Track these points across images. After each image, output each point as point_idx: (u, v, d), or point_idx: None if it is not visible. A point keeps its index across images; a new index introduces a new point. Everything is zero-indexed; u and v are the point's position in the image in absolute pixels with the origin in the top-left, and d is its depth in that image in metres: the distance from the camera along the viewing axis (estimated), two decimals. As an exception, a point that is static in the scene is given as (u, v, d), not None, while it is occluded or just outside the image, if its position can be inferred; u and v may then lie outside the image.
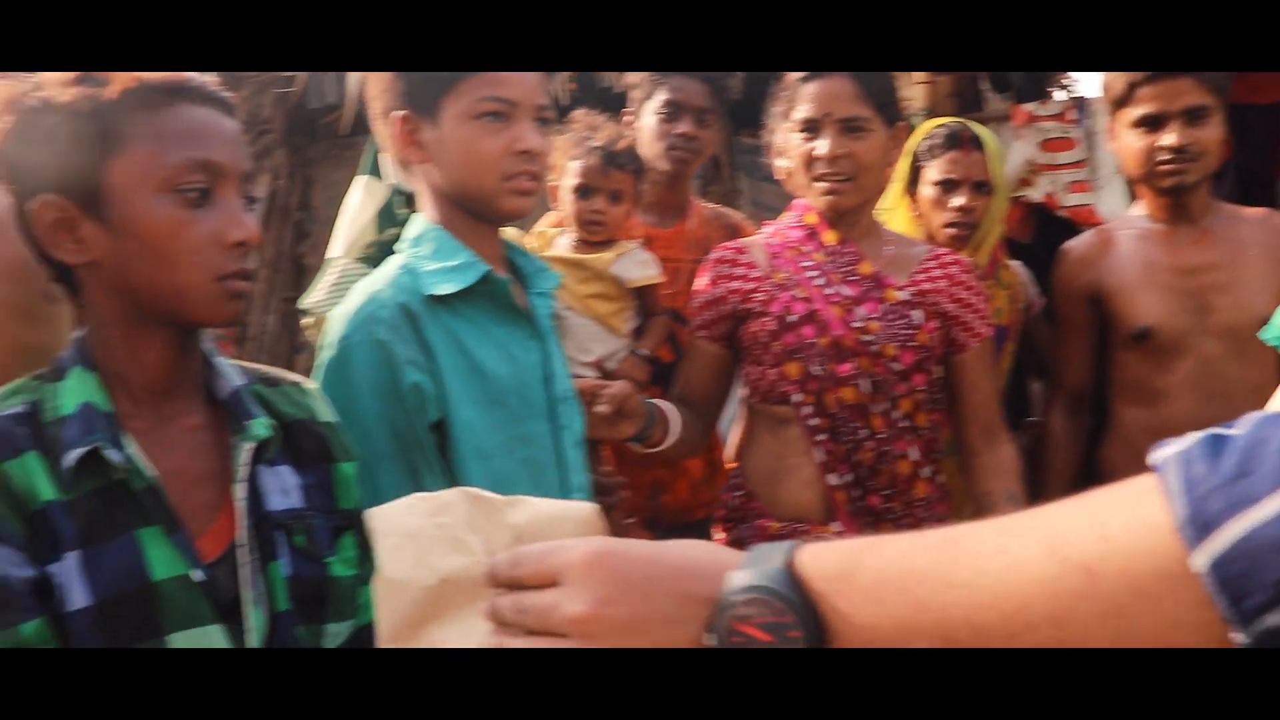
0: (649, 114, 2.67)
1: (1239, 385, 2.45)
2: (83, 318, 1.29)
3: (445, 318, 1.65)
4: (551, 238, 2.50)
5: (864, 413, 2.18)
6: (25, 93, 1.22)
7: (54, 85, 1.21)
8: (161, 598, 1.20)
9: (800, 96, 2.16)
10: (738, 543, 2.22)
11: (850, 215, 2.22)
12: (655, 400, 2.21)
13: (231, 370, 1.36)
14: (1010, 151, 4.41)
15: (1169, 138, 2.44)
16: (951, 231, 2.62)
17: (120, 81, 1.21)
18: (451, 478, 1.61)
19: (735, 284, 2.27)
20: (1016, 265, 2.89)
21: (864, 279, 2.21)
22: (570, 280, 2.37)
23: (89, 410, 1.22)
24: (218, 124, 1.26)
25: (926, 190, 2.68)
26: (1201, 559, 0.59)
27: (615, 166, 2.39)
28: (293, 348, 7.53)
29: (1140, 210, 2.64)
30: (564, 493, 1.75)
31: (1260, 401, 1.35)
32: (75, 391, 1.23)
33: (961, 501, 2.44)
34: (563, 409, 1.79)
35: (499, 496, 1.16)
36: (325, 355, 1.63)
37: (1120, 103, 2.51)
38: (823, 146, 2.14)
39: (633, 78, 2.76)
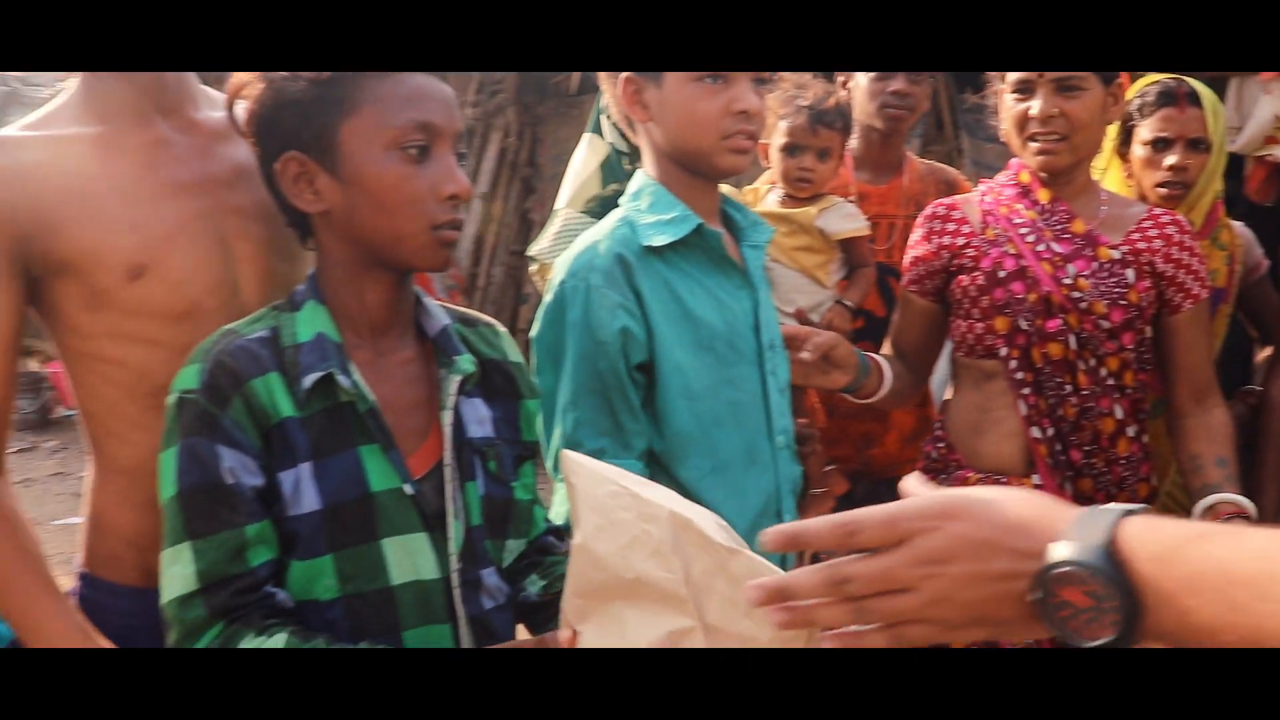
0: (861, 74, 2.71)
1: None
2: (316, 259, 1.47)
3: (659, 267, 1.75)
4: (764, 194, 2.59)
5: (1070, 368, 2.20)
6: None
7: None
8: (378, 506, 1.38)
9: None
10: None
11: (1064, 174, 2.23)
12: (870, 354, 2.28)
13: (439, 310, 1.52)
14: (1256, 108, 4.23)
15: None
16: (1163, 191, 2.57)
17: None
18: (649, 419, 1.73)
19: (947, 240, 2.32)
20: (1239, 226, 2.80)
21: (1076, 237, 2.22)
22: (778, 234, 2.46)
23: (322, 340, 1.39)
24: (436, 89, 1.41)
25: (1138, 150, 2.63)
26: None
27: (823, 125, 2.46)
28: (517, 298, 7.87)
29: None
30: (768, 436, 1.85)
31: None
32: (310, 322, 1.40)
33: (1167, 464, 2.42)
34: (770, 356, 1.88)
35: (709, 533, 1.16)
36: (545, 298, 1.77)
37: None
38: (1036, 107, 2.15)
39: None
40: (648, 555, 1.14)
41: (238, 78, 1.44)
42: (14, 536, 1.47)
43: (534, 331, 1.77)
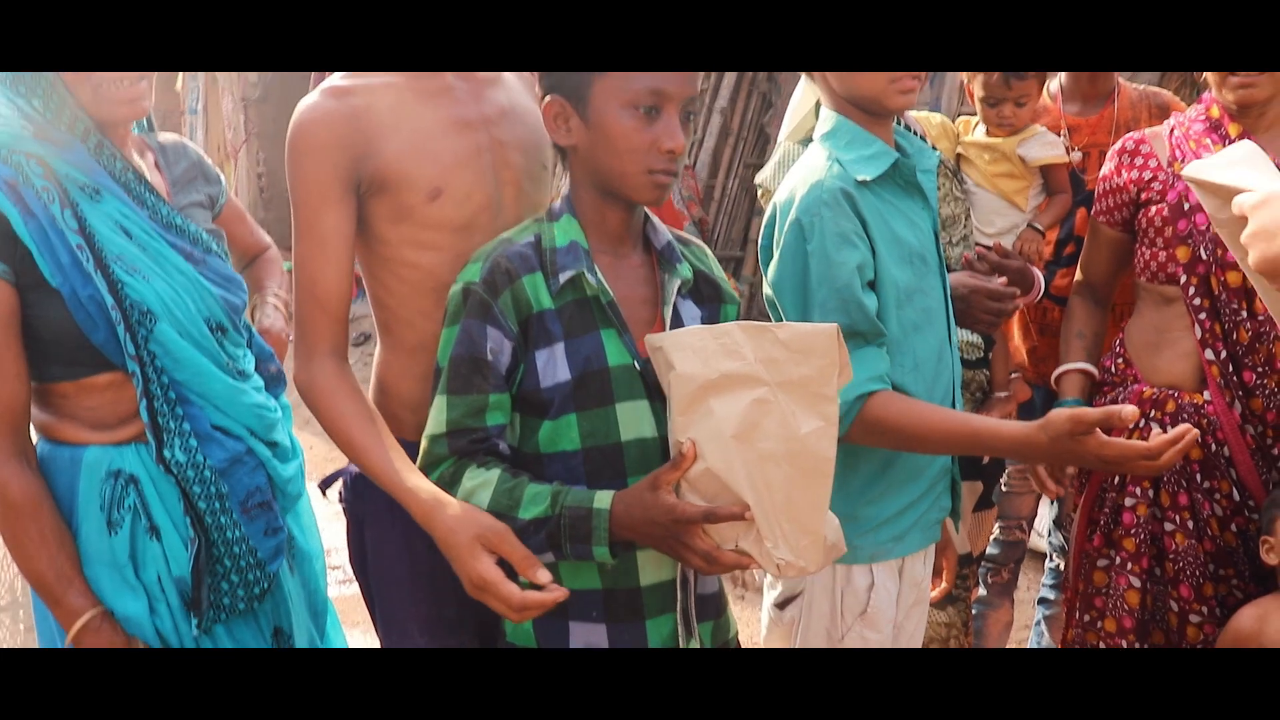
0: None
1: None
2: (569, 181, 1.84)
3: (870, 197, 1.99)
4: (973, 124, 2.80)
5: (1246, 295, 2.35)
6: None
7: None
8: (614, 378, 1.75)
9: None
10: (1114, 404, 2.48)
11: (1259, 108, 2.36)
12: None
13: (664, 228, 1.87)
14: None
15: None
16: None
17: None
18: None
19: (1135, 174, 2.50)
20: None
21: (1264, 171, 2.36)
22: (980, 161, 2.68)
23: (575, 246, 1.76)
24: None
25: None
26: None
27: (1016, 78, 2.65)
28: (751, 209, 8.14)
29: None
30: (949, 338, 2.11)
31: None
32: (566, 231, 1.77)
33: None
34: (943, 266, 2.14)
35: (765, 323, 1.64)
36: (784, 232, 2.00)
37: None
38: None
39: None
40: (724, 356, 1.62)
41: None
42: (366, 411, 1.83)
43: (775, 262, 2.02)
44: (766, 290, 2.04)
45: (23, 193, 1.79)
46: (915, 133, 2.58)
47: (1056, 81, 2.98)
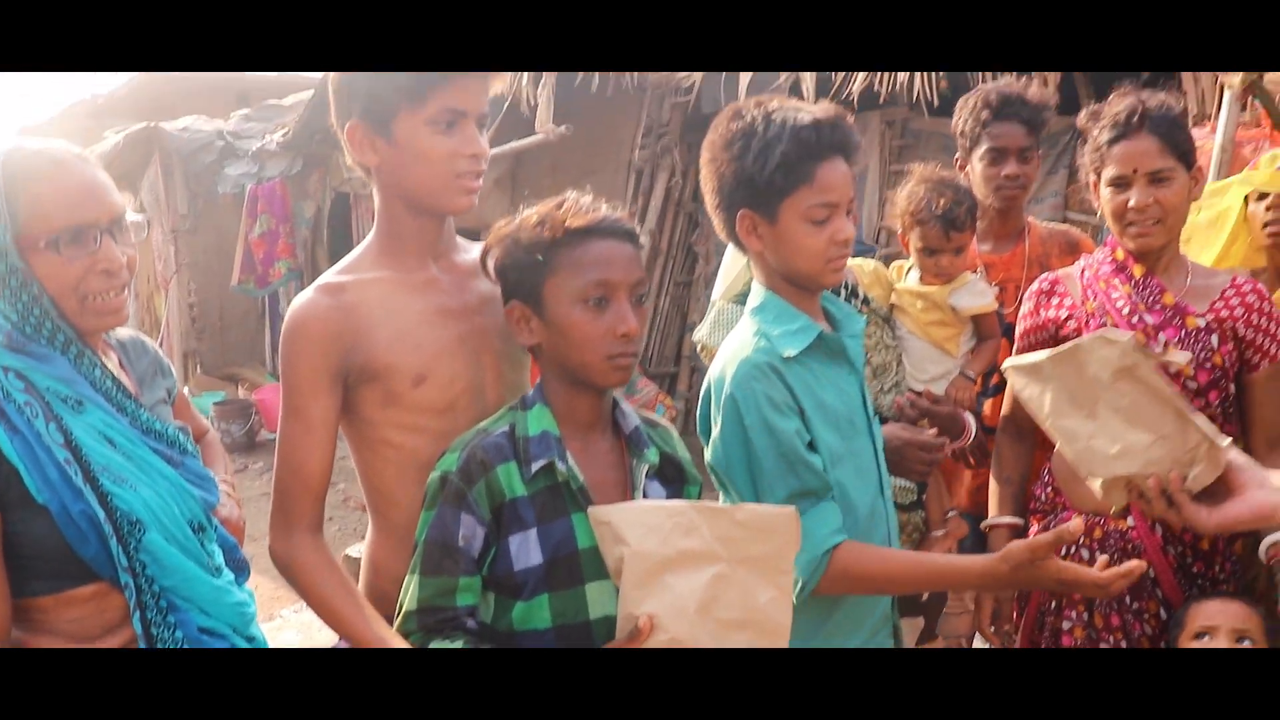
0: (976, 159, 3.06)
1: None
2: (541, 373, 1.96)
3: (797, 369, 2.05)
4: (905, 270, 2.95)
5: None
6: (510, 229, 1.91)
7: (525, 227, 1.88)
8: (584, 560, 1.85)
9: (1110, 157, 2.51)
10: (1045, 532, 2.62)
11: (1156, 252, 2.55)
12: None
13: (632, 413, 1.99)
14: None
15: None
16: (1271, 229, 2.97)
17: (555, 225, 1.84)
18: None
19: (1052, 312, 2.67)
20: None
21: (1167, 308, 2.54)
22: (913, 309, 2.83)
23: (546, 435, 1.87)
24: (617, 251, 1.86)
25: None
26: None
27: (955, 229, 2.79)
28: (683, 327, 8.33)
29: None
30: (881, 492, 2.21)
31: None
32: (538, 420, 1.89)
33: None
34: (874, 425, 2.24)
35: (723, 505, 1.77)
36: (721, 408, 2.05)
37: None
38: (1134, 198, 2.48)
39: (959, 124, 3.13)
40: (681, 534, 1.71)
41: (490, 238, 1.95)
42: (344, 583, 1.95)
43: (716, 437, 2.08)
44: (708, 459, 2.11)
45: (4, 408, 1.80)
46: (848, 282, 2.72)
47: None
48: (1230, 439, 1.80)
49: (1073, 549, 2.58)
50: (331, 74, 2.03)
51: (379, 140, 1.96)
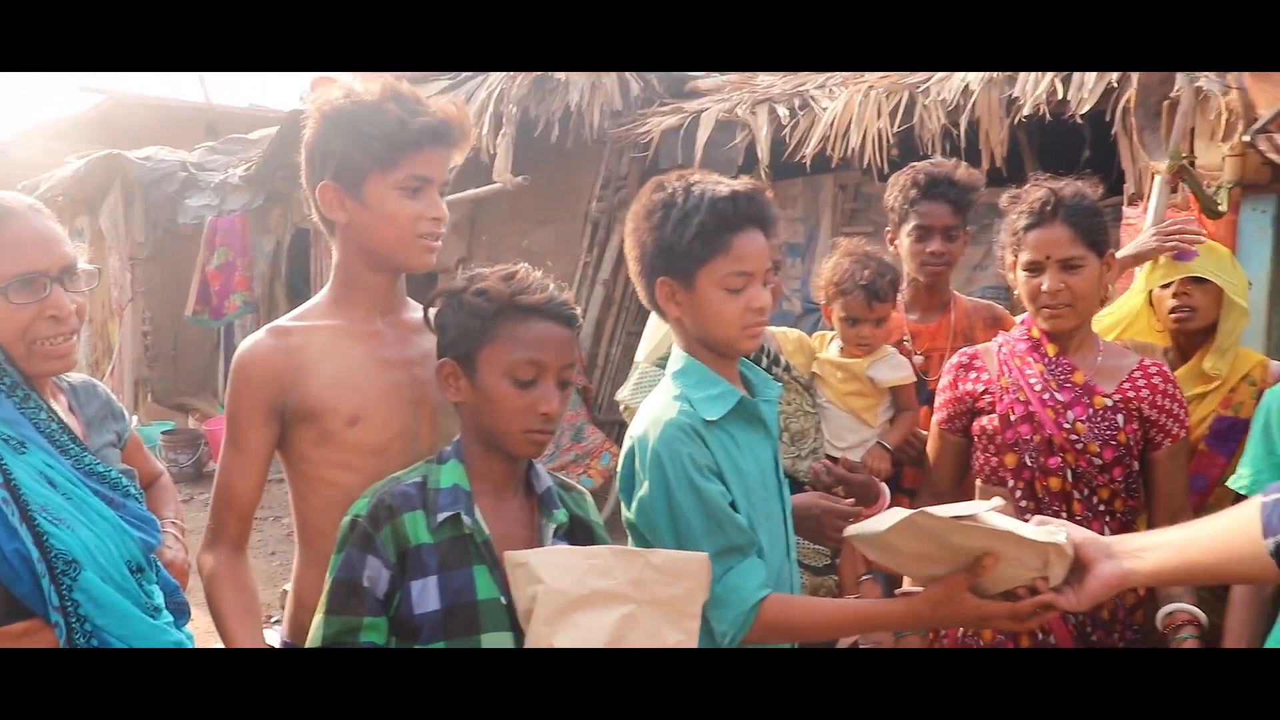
0: (904, 234, 3.17)
1: None
2: (461, 431, 2.06)
3: (717, 432, 2.11)
4: (828, 340, 3.06)
5: (1066, 498, 2.63)
6: (458, 288, 2.00)
7: (472, 291, 1.96)
8: (481, 610, 1.91)
9: (1025, 243, 2.64)
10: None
11: (1069, 332, 2.67)
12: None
13: (546, 475, 2.07)
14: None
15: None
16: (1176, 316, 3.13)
17: (500, 299, 1.94)
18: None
19: (970, 385, 2.77)
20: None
21: (1076, 386, 2.65)
22: (833, 379, 2.93)
23: (456, 489, 1.96)
24: (555, 334, 1.96)
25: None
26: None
27: (878, 300, 2.90)
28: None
29: None
30: (788, 549, 2.27)
31: None
32: (450, 475, 1.97)
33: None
34: (784, 489, 2.31)
35: (637, 549, 1.86)
36: (646, 468, 2.09)
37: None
38: (1046, 283, 2.61)
39: (890, 199, 3.25)
40: (595, 575, 1.81)
41: (437, 290, 2.06)
42: (247, 603, 2.07)
43: (640, 497, 2.11)
44: (631, 518, 2.14)
45: None
46: (770, 350, 2.81)
47: (899, 293, 3.27)
48: (1064, 529, 1.92)
49: (974, 634, 2.67)
50: (306, 135, 2.14)
51: (349, 200, 2.10)
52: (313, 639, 1.91)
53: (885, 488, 2.87)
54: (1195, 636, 2.48)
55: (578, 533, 2.08)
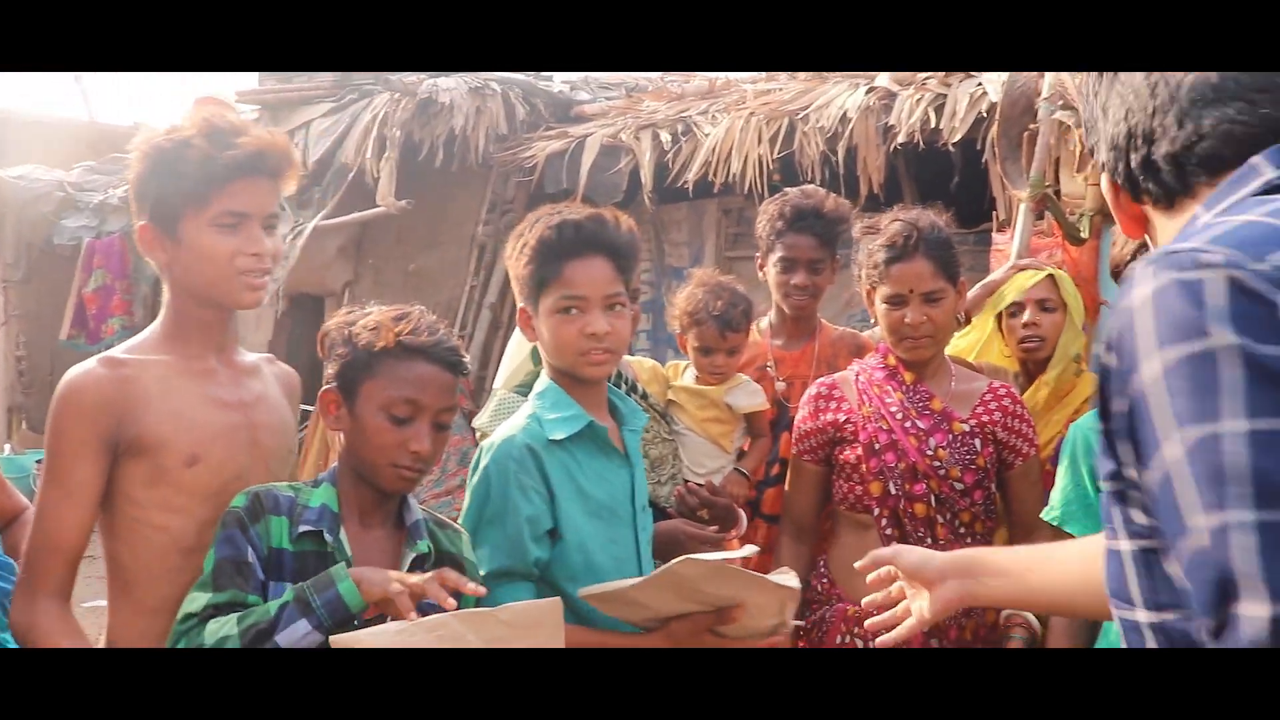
0: (771, 265, 3.19)
1: None
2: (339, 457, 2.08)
3: (561, 454, 2.19)
4: (682, 369, 3.09)
5: (930, 523, 2.68)
6: (351, 320, 2.04)
7: (363, 327, 2.00)
8: None
9: (887, 277, 2.69)
10: (821, 621, 2.76)
11: (925, 360, 2.74)
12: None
13: (418, 509, 2.09)
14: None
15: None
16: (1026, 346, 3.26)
17: (388, 337, 1.98)
18: (558, 567, 2.19)
19: (830, 415, 2.81)
20: None
21: (935, 414, 2.71)
22: (691, 406, 2.96)
23: (324, 509, 2.00)
24: (436, 377, 2.00)
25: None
26: None
27: (730, 330, 2.94)
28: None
29: None
30: (640, 574, 2.27)
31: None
32: (321, 496, 2.02)
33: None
34: (641, 517, 2.35)
35: (483, 609, 1.82)
36: (476, 473, 2.21)
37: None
38: (909, 316, 2.67)
39: (759, 228, 3.25)
40: (446, 645, 1.74)
41: (331, 322, 2.09)
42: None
43: (466, 500, 2.22)
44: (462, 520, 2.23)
45: None
46: (626, 377, 2.82)
47: (766, 319, 3.31)
48: (793, 572, 2.14)
49: (849, 638, 2.71)
50: (129, 175, 2.09)
51: (167, 240, 2.05)
52: (191, 606, 1.87)
53: (743, 513, 2.90)
54: (1022, 640, 2.62)
55: (448, 566, 2.07)
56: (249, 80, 8.95)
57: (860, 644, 2.69)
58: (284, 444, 2.19)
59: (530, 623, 1.81)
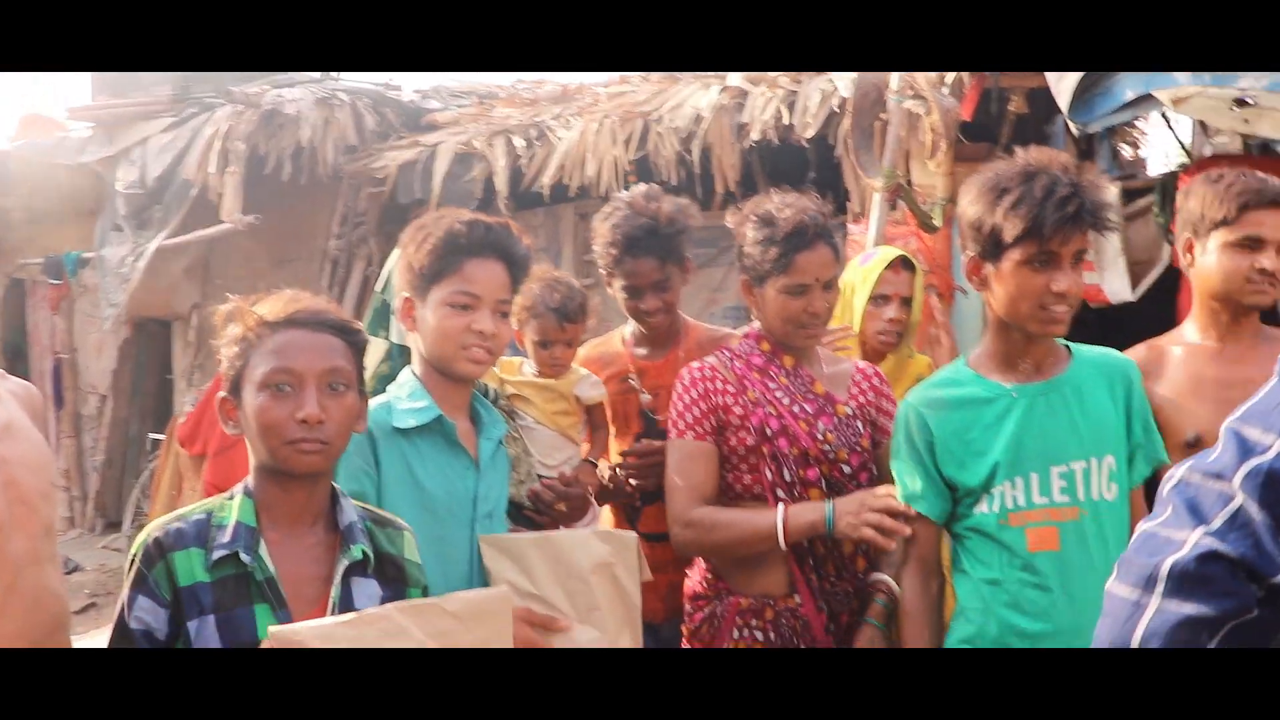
0: (617, 289, 3.05)
1: None
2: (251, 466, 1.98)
3: (402, 443, 2.26)
4: (519, 365, 3.07)
5: None
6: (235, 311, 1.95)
7: (245, 314, 1.92)
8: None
9: (791, 267, 2.60)
10: (711, 618, 2.72)
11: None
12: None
13: (351, 508, 2.00)
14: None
15: (1268, 261, 2.73)
16: (883, 338, 3.28)
17: (249, 320, 1.91)
18: None
19: (716, 398, 2.72)
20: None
21: (819, 397, 2.70)
22: (539, 399, 2.96)
23: (240, 525, 1.88)
24: (307, 340, 1.92)
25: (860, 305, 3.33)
26: None
27: (568, 320, 2.95)
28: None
29: (1192, 325, 2.91)
30: (471, 578, 2.31)
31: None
32: (236, 510, 1.90)
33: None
34: (485, 524, 2.35)
35: (429, 599, 1.80)
36: None
37: (1223, 222, 2.77)
38: (812, 305, 2.63)
39: (597, 253, 3.06)
40: (390, 640, 1.70)
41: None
42: None
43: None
44: None
45: None
46: (489, 388, 2.74)
47: (629, 327, 3.21)
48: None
49: (746, 631, 2.68)
50: None
51: None
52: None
53: (594, 502, 2.93)
54: (884, 604, 2.62)
55: (387, 570, 2.01)
56: (82, 96, 8.60)
57: (760, 636, 2.66)
58: (45, 477, 1.92)
59: (478, 613, 1.76)
